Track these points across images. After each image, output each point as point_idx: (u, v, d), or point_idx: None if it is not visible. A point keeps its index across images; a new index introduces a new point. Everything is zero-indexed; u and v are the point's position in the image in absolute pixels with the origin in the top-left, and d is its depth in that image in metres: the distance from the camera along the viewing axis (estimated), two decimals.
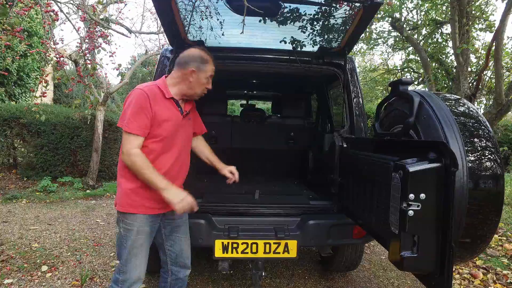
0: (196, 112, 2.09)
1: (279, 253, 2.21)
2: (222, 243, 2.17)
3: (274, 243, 2.18)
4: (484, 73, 5.55)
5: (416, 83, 9.25)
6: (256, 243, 2.17)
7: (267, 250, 2.19)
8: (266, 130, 3.73)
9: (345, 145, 2.36)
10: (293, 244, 2.20)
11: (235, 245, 2.18)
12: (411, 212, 1.16)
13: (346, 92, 2.55)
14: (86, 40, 3.36)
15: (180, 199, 1.64)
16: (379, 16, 6.25)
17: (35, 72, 8.58)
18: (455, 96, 1.63)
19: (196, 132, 2.10)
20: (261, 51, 2.59)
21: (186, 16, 2.33)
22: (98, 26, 3.28)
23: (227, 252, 2.19)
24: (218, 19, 2.40)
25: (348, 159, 2.22)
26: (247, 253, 2.19)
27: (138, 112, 1.60)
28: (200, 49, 1.82)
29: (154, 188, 1.63)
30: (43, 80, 3.64)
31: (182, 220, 1.97)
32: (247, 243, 2.17)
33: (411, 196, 1.16)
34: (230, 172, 2.13)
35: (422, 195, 1.16)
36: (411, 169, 1.17)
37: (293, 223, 2.28)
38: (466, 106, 1.53)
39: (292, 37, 2.52)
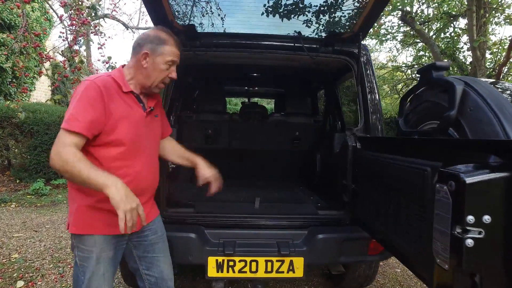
0: (162, 109, 1.73)
1: (282, 272, 1.92)
2: (216, 260, 1.88)
3: (277, 260, 1.89)
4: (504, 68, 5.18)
5: None
6: (256, 261, 1.89)
7: (269, 269, 1.90)
8: (268, 129, 3.39)
9: (359, 146, 2.04)
10: (299, 262, 1.91)
11: (231, 263, 1.89)
12: (470, 242, 0.82)
13: (360, 85, 2.21)
14: (69, 28, 3.06)
15: (130, 206, 1.18)
16: (389, 8, 5.90)
17: (32, 70, 8.32)
18: (508, 83, 1.28)
19: (162, 134, 1.72)
20: (262, 37, 2.26)
21: None
22: (83, 14, 2.99)
23: (222, 271, 1.90)
24: (212, 1, 2.09)
25: (364, 162, 1.89)
26: (246, 272, 1.90)
27: (84, 106, 1.24)
28: (159, 29, 1.45)
29: (95, 189, 1.21)
30: (20, 73, 3.34)
31: (158, 236, 1.60)
32: (245, 261, 1.89)
33: (470, 218, 0.82)
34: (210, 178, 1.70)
35: (487, 218, 0.81)
36: (469, 180, 0.83)
37: (299, 237, 1.99)
38: None
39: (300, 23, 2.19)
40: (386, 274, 3.21)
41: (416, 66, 8.29)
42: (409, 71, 8.99)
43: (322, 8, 2.15)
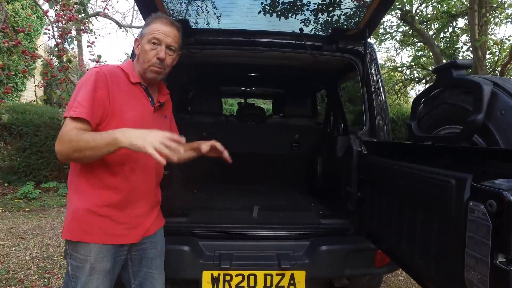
0: (172, 113, 1.64)
1: (283, 287, 1.79)
2: (212, 275, 1.75)
3: (277, 274, 1.77)
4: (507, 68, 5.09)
5: (424, 81, 8.79)
6: (255, 275, 1.77)
7: (268, 284, 1.78)
8: (267, 131, 3.25)
9: (365, 151, 1.91)
10: (301, 276, 1.78)
11: (227, 278, 1.76)
12: None
13: (365, 85, 2.08)
14: (56, 25, 2.87)
15: (153, 138, 1.06)
16: None
17: (14, 69, 8.08)
18: None
19: None
20: (261, 34, 2.11)
21: None
22: (72, 10, 2.82)
23: (217, 287, 1.77)
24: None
25: (371, 168, 1.76)
26: (243, 287, 1.77)
27: (89, 93, 1.18)
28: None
29: (109, 151, 1.10)
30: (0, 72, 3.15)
31: (157, 251, 1.48)
32: (242, 275, 1.76)
33: None
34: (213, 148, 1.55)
35: None
36: None
37: (301, 249, 1.85)
38: None
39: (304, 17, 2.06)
40: (389, 282, 3.09)
41: (414, 66, 8.20)
42: (407, 71, 8.90)
43: (324, 4, 2.02)
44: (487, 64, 6.38)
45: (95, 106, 1.18)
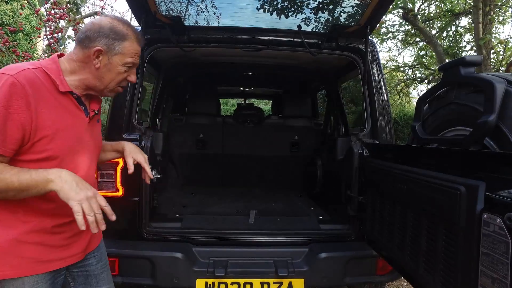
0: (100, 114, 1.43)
1: None
2: (206, 283, 1.72)
3: (274, 282, 1.74)
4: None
5: (426, 81, 8.70)
6: (251, 283, 1.74)
7: None
8: (265, 132, 3.19)
9: (366, 153, 1.85)
10: (299, 284, 1.75)
11: (222, 286, 1.74)
12: None
13: (367, 85, 2.01)
14: (47, 24, 2.79)
15: (84, 194, 0.97)
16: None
17: None
18: None
19: None
20: (258, 32, 2.05)
21: None
22: (64, 9, 2.75)
23: None
24: None
25: (372, 172, 1.70)
26: None
27: (4, 116, 0.95)
28: (115, 19, 1.15)
29: (38, 193, 0.98)
30: None
31: (103, 264, 1.33)
32: (238, 283, 1.74)
33: None
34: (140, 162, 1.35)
35: None
36: None
37: (299, 256, 1.82)
38: None
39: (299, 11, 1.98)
40: (392, 287, 3.01)
41: (417, 65, 8.12)
42: (409, 71, 8.83)
43: (324, 2, 1.94)
44: (491, 63, 6.30)
45: (15, 134, 0.96)
